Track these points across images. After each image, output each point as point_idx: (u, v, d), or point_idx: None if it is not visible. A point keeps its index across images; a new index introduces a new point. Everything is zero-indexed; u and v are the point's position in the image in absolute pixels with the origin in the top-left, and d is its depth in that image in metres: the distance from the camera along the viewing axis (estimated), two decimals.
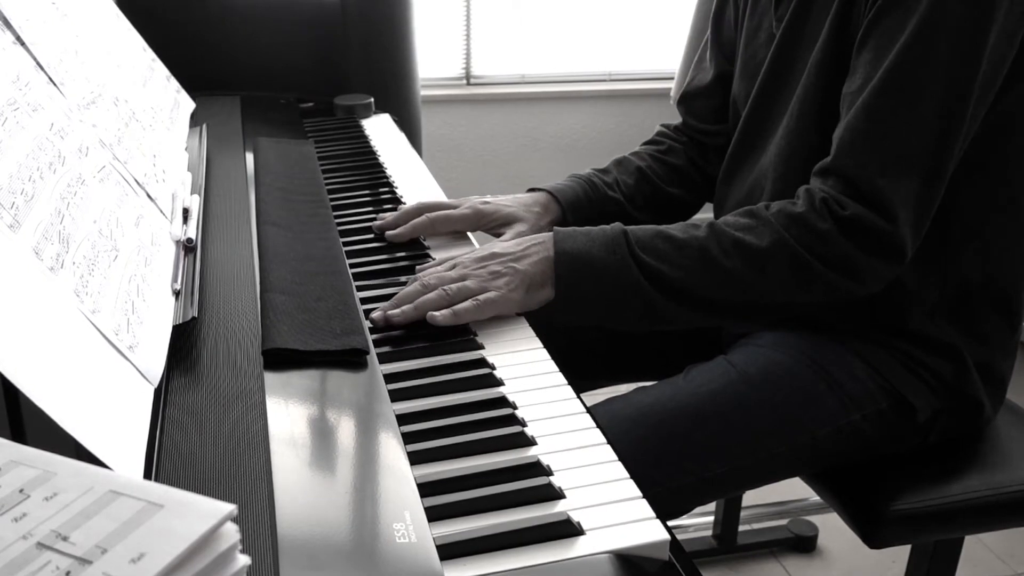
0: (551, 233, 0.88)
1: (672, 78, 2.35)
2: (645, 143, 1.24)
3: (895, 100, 0.84)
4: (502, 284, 0.84)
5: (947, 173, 0.86)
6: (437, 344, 0.78)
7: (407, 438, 0.64)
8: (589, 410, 0.70)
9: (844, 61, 0.90)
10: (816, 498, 1.65)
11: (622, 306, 0.86)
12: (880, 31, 0.85)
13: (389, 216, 1.01)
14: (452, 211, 1.01)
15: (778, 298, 0.88)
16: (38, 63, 0.79)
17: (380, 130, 1.41)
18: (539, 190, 1.10)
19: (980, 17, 0.82)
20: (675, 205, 1.18)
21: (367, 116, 1.47)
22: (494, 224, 1.04)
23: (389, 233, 0.99)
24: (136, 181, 0.85)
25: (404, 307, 0.81)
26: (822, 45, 0.93)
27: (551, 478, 0.61)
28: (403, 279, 0.89)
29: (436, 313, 0.80)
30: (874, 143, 0.85)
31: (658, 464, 0.88)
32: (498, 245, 0.89)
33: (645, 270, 0.85)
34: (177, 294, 0.76)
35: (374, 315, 0.81)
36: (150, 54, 1.20)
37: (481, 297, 0.82)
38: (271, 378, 0.69)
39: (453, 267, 0.87)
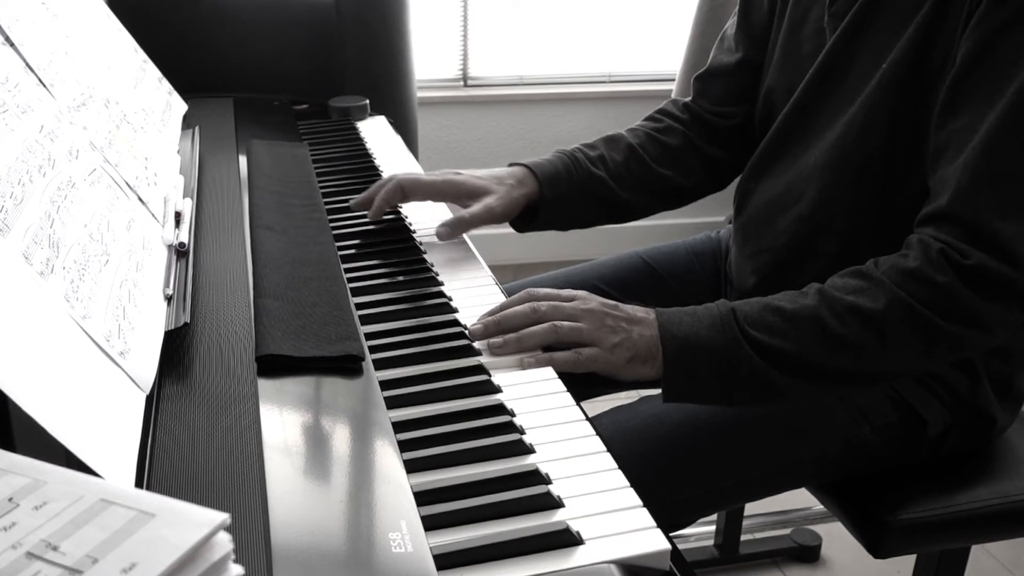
0: (652, 311, 0.84)
1: (673, 79, 2.35)
2: (645, 119, 1.18)
3: (1017, 140, 0.79)
4: (611, 343, 0.80)
5: None
6: (434, 350, 0.77)
7: (403, 446, 0.63)
8: (589, 418, 0.69)
9: (923, 79, 0.86)
10: (819, 507, 1.65)
11: (736, 387, 0.81)
12: (992, 63, 0.80)
13: (363, 194, 1.02)
14: (422, 176, 1.02)
15: (904, 362, 0.83)
16: (27, 64, 0.78)
17: (376, 132, 1.40)
18: (518, 165, 1.07)
19: None
20: (666, 187, 1.12)
21: (362, 118, 1.46)
22: (464, 196, 1.02)
23: (367, 211, 1.01)
24: (127, 184, 0.84)
25: (508, 337, 0.78)
26: (900, 57, 0.88)
27: (550, 487, 0.60)
28: (400, 279, 0.89)
29: (531, 357, 0.78)
30: (994, 185, 0.79)
31: (664, 476, 0.87)
32: (622, 304, 0.84)
33: (758, 347, 0.80)
34: (169, 299, 0.76)
35: (473, 328, 0.79)
36: (141, 55, 1.19)
37: (584, 352, 0.79)
38: (265, 385, 0.68)
39: (572, 299, 0.83)
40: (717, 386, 0.81)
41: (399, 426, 0.66)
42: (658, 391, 0.95)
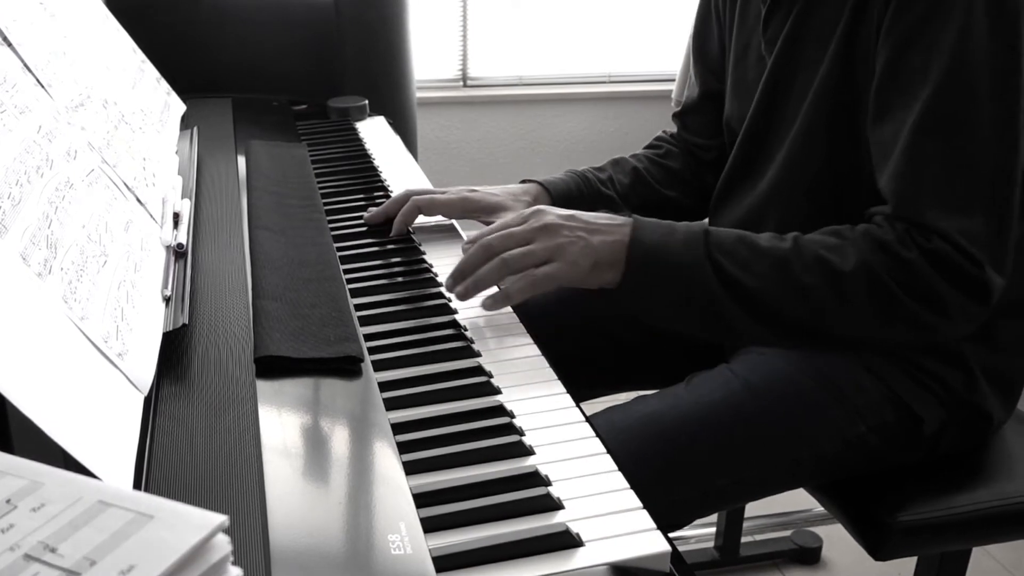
0: (631, 217, 0.85)
1: (673, 79, 2.34)
2: (645, 147, 1.23)
3: (938, 140, 0.81)
4: (570, 254, 0.82)
5: (1014, 202, 0.82)
6: (433, 351, 0.77)
7: (402, 447, 0.63)
8: (589, 419, 0.69)
9: (852, 89, 0.88)
10: (820, 509, 1.64)
11: (689, 306, 0.83)
12: (907, 69, 0.82)
13: (377, 210, 1.02)
14: (438, 196, 1.02)
15: (855, 328, 0.84)
16: (25, 64, 0.78)
17: (375, 133, 1.40)
18: (531, 182, 1.10)
19: (1010, 39, 0.80)
20: (671, 207, 1.17)
21: (361, 119, 1.46)
22: (481, 212, 1.03)
23: (375, 225, 1.01)
24: (125, 185, 0.83)
25: (465, 283, 0.82)
26: (825, 74, 0.90)
27: (550, 488, 0.60)
28: (399, 280, 0.89)
29: (488, 301, 0.81)
30: (926, 187, 0.81)
31: (659, 476, 0.87)
32: (579, 212, 0.86)
33: (720, 273, 0.82)
34: (167, 300, 0.75)
35: (446, 283, 0.84)
36: (140, 55, 1.19)
37: (539, 272, 0.81)
38: (263, 386, 0.68)
39: (526, 219, 0.85)
40: (673, 303, 0.83)
41: (398, 427, 0.65)
42: (654, 392, 0.96)
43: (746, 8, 1.05)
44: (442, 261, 0.95)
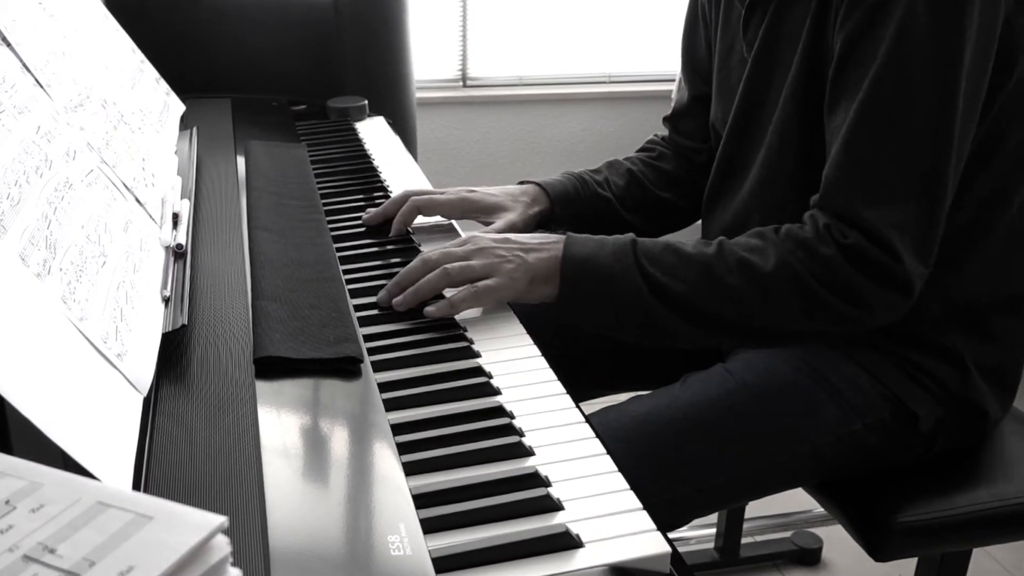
0: (565, 235, 0.88)
1: (673, 79, 2.34)
2: (638, 150, 1.24)
3: (872, 130, 0.83)
4: (506, 271, 0.84)
5: (945, 195, 0.84)
6: (433, 352, 0.77)
7: (402, 448, 0.63)
8: (588, 419, 0.69)
9: (819, 87, 0.89)
10: (820, 510, 1.64)
11: (623, 314, 0.86)
12: (853, 62, 0.85)
13: (376, 211, 1.03)
14: (438, 196, 1.02)
15: (783, 323, 0.86)
16: (24, 65, 0.78)
17: (374, 133, 1.40)
18: (529, 183, 1.10)
19: (950, 34, 0.81)
20: (666, 208, 1.18)
21: (361, 119, 1.46)
22: (480, 212, 1.04)
23: (374, 225, 1.01)
24: (125, 185, 0.83)
25: (406, 292, 0.82)
26: (795, 73, 0.92)
27: (549, 489, 0.60)
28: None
29: (431, 308, 0.81)
30: (858, 176, 0.84)
31: (654, 475, 0.87)
32: (514, 234, 0.89)
33: (648, 280, 0.85)
34: (167, 301, 0.75)
35: (379, 296, 0.83)
36: (139, 55, 1.19)
37: (480, 285, 0.83)
38: (263, 387, 0.68)
39: (463, 244, 0.87)
40: (608, 312, 0.86)
41: (398, 428, 0.65)
42: (649, 392, 0.96)
43: (729, 11, 1.06)
44: None
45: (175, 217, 0.89)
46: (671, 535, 0.58)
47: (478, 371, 0.74)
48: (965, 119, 0.83)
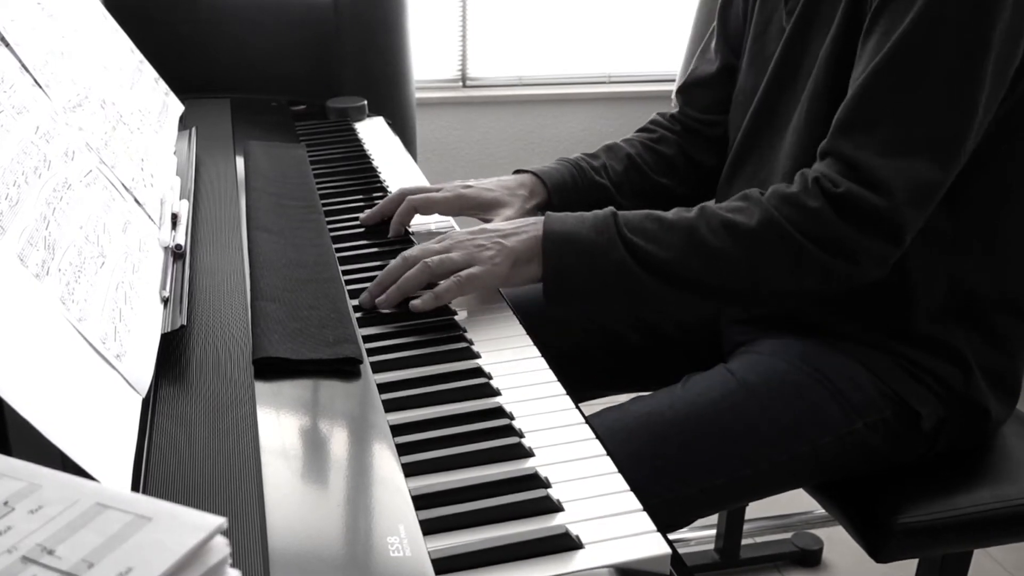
0: (542, 216, 0.88)
1: (673, 79, 2.34)
2: (638, 130, 1.22)
3: (894, 81, 0.83)
4: (487, 258, 0.84)
5: (957, 160, 0.84)
6: (433, 353, 0.77)
7: (401, 449, 0.63)
8: (588, 420, 0.69)
9: (853, 53, 0.89)
10: (821, 511, 1.64)
11: (609, 287, 0.85)
12: (885, 19, 0.85)
13: (373, 210, 1.03)
14: (434, 194, 1.02)
15: (771, 283, 0.87)
16: (23, 65, 0.78)
17: (374, 133, 1.40)
18: (525, 172, 1.09)
19: (984, 11, 0.81)
20: (664, 195, 1.16)
21: (360, 119, 1.46)
22: (478, 209, 1.03)
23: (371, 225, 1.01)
24: (123, 186, 0.83)
25: (388, 290, 0.82)
26: (832, 39, 0.92)
27: (549, 490, 0.60)
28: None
29: (417, 301, 0.82)
30: (873, 123, 0.84)
31: (655, 475, 0.87)
32: (490, 224, 0.89)
33: (632, 250, 0.84)
34: (166, 302, 0.75)
35: (361, 298, 0.83)
36: (138, 55, 1.19)
37: (464, 273, 0.83)
38: (262, 388, 0.68)
39: (441, 240, 0.87)
40: (593, 286, 0.85)
41: (397, 429, 0.65)
42: (650, 392, 0.95)
43: None
44: None
45: (174, 217, 0.89)
46: (671, 536, 0.58)
47: (478, 372, 0.74)
48: (990, 96, 0.83)
